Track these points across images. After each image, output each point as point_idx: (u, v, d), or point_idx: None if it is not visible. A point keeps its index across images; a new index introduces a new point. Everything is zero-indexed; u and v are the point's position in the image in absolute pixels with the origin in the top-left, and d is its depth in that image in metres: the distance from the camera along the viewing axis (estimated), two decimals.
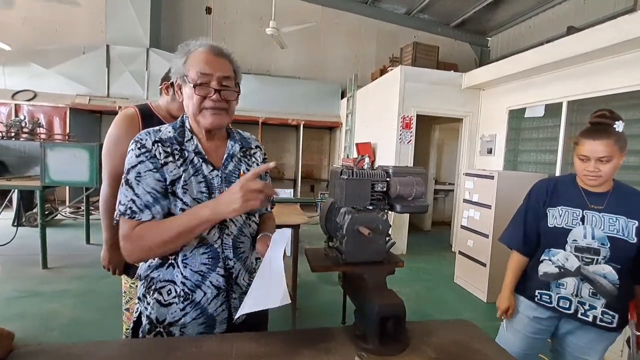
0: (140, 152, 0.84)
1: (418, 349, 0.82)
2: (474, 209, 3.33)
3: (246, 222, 0.96)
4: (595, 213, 1.15)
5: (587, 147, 1.13)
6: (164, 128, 0.92)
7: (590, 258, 1.13)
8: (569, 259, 1.17)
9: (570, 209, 1.19)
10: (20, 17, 6.10)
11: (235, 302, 0.92)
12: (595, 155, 1.12)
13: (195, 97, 0.85)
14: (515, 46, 6.95)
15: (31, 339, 0.84)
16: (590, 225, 1.15)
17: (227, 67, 0.88)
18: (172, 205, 0.85)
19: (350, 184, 0.87)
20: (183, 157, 0.88)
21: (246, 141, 1.02)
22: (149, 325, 0.88)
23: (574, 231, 1.16)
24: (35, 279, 3.07)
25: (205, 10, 6.89)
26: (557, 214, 1.20)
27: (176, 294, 0.86)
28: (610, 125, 1.13)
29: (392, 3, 7.22)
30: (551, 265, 1.20)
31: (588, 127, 1.18)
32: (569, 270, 1.16)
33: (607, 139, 1.11)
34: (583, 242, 1.15)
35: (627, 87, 2.89)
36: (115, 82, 6.00)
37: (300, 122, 6.63)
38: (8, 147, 3.99)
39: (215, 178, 0.90)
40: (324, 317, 2.66)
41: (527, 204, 1.32)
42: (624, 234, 1.11)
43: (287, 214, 2.54)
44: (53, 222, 4.90)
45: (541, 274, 1.23)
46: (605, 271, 1.12)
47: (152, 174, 0.83)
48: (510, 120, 4.18)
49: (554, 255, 1.20)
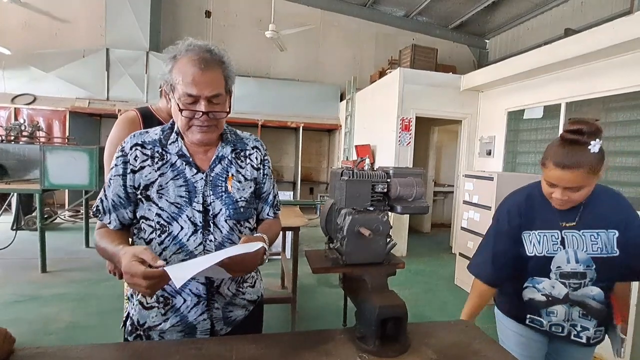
0: (118, 155, 0.85)
1: (419, 350, 0.81)
2: (473, 210, 3.33)
3: (235, 227, 0.89)
4: (574, 232, 1.03)
5: (555, 175, 0.97)
6: (153, 130, 0.90)
7: (577, 283, 1.03)
8: (555, 287, 1.06)
9: (549, 232, 1.05)
10: (20, 21, 6.12)
11: (218, 313, 0.89)
12: (563, 184, 0.97)
13: (182, 117, 0.81)
14: (513, 48, 6.99)
15: (29, 343, 0.83)
16: (571, 247, 1.03)
17: (216, 80, 0.81)
18: (146, 211, 0.83)
19: (351, 185, 0.87)
20: (164, 159, 0.85)
21: (242, 142, 0.96)
22: (131, 327, 0.88)
23: (557, 258, 1.04)
24: (34, 282, 3.06)
25: (204, 13, 6.92)
26: (535, 241, 1.07)
27: (156, 298, 0.85)
28: (584, 147, 0.92)
29: (391, 6, 7.26)
30: (537, 293, 1.09)
31: (558, 144, 0.98)
32: (557, 298, 1.06)
33: (578, 169, 0.92)
34: (567, 267, 1.03)
35: (624, 89, 2.91)
36: (115, 86, 6.01)
37: (299, 125, 6.64)
38: (7, 150, 3.99)
39: (198, 181, 0.86)
40: (324, 320, 2.65)
41: (496, 229, 1.15)
42: (608, 250, 1.01)
43: (286, 217, 2.53)
44: (52, 225, 4.89)
45: (527, 299, 1.12)
46: (593, 293, 1.04)
47: (119, 180, 0.83)
48: (509, 122, 4.19)
49: (538, 284, 1.08)
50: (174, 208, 0.83)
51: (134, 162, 0.84)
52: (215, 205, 0.87)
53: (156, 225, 0.84)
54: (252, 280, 0.99)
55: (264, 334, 0.87)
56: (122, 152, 0.85)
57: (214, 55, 0.82)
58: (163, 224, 0.84)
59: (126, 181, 0.83)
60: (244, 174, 0.92)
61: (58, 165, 3.16)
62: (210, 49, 0.82)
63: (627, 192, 2.94)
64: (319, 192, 7.43)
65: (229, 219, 0.88)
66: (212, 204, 0.86)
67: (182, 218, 0.84)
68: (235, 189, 0.89)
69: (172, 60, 0.81)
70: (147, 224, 0.84)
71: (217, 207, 0.87)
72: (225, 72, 0.84)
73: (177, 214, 0.84)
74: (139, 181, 0.83)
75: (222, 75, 0.83)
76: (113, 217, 0.85)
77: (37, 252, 3.27)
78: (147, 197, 0.83)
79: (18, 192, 3.68)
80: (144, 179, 0.83)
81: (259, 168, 0.96)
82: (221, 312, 0.90)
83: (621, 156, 2.99)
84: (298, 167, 6.95)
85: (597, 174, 0.95)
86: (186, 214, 0.84)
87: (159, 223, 0.84)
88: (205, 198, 0.86)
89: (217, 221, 0.87)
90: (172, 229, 0.84)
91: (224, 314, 0.90)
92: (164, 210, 0.83)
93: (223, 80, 0.83)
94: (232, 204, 0.88)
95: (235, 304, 0.93)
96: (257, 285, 1.00)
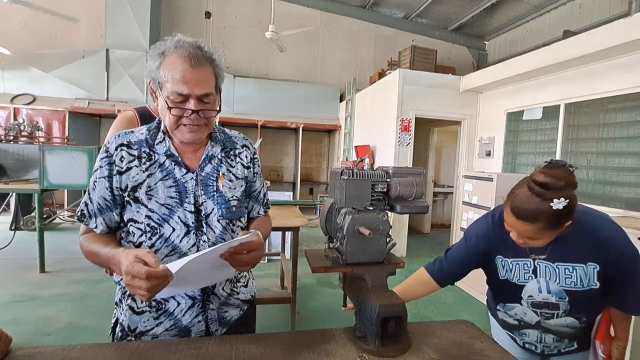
0: (102, 156, 0.82)
1: (419, 349, 0.81)
2: (473, 210, 3.33)
3: (228, 227, 0.88)
4: (548, 263, 0.97)
5: (509, 220, 0.91)
6: (138, 130, 0.86)
7: (549, 313, 0.99)
8: (527, 314, 1.03)
9: (521, 261, 1.00)
10: (20, 22, 6.12)
11: (213, 314, 0.88)
12: (520, 232, 0.91)
13: (171, 115, 0.78)
14: (512, 49, 7.01)
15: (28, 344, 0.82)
16: (543, 278, 0.98)
17: (207, 78, 0.78)
18: (134, 213, 0.81)
19: (351, 184, 0.87)
20: (151, 160, 0.82)
21: (231, 141, 0.94)
22: (121, 333, 0.86)
23: (527, 287, 1.00)
24: (32, 283, 3.05)
25: (204, 14, 6.93)
26: (507, 267, 1.02)
27: (148, 302, 0.83)
28: (547, 202, 0.82)
29: (390, 7, 7.28)
30: (509, 318, 1.08)
31: (525, 188, 0.87)
32: (529, 323, 1.04)
33: (532, 223, 0.86)
34: (539, 297, 0.99)
35: (622, 90, 2.92)
36: (115, 86, 6.01)
37: (299, 125, 6.64)
38: (6, 150, 3.98)
39: (189, 181, 0.84)
40: (324, 320, 2.65)
41: (464, 245, 1.08)
42: (584, 284, 0.94)
43: (286, 217, 2.53)
44: (51, 225, 4.88)
45: (499, 319, 1.13)
46: (567, 322, 0.99)
47: (104, 182, 0.81)
48: (509, 123, 4.20)
49: (510, 310, 1.06)
50: (165, 209, 0.81)
51: (119, 163, 0.81)
52: (208, 205, 0.85)
53: (146, 227, 0.81)
54: (245, 279, 0.99)
55: (264, 334, 0.86)
56: (107, 153, 0.81)
57: (204, 52, 0.79)
58: (153, 226, 0.81)
59: (112, 183, 0.80)
60: (234, 172, 0.91)
61: (57, 165, 3.16)
62: (200, 45, 0.79)
63: (626, 192, 2.95)
64: (319, 193, 7.43)
65: (222, 218, 0.86)
66: (204, 203, 0.85)
67: (173, 219, 0.82)
68: (227, 188, 0.88)
69: (160, 57, 0.77)
70: (135, 227, 0.82)
71: (209, 206, 0.85)
72: (216, 70, 0.81)
73: (168, 216, 0.82)
74: (125, 183, 0.80)
75: (212, 73, 0.80)
76: (99, 221, 0.82)
77: (35, 252, 3.27)
78: (135, 199, 0.80)
79: (17, 192, 3.66)
80: (131, 180, 0.80)
81: (249, 167, 0.95)
82: (216, 313, 0.89)
83: (620, 157, 3.00)
84: (298, 168, 6.95)
85: (557, 229, 0.88)
86: (178, 215, 0.82)
87: (149, 225, 0.81)
88: (196, 198, 0.84)
89: (210, 221, 0.85)
90: (164, 230, 0.82)
91: (219, 314, 0.90)
92: (154, 212, 0.80)
93: (213, 78, 0.81)
94: (224, 203, 0.87)
95: (230, 304, 0.92)
96: (250, 285, 1.01)
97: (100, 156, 0.82)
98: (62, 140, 5.29)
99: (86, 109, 5.82)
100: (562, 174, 0.84)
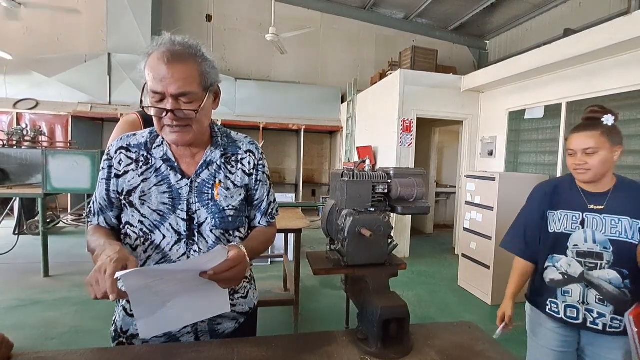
0: (105, 158, 0.83)
1: (422, 351, 0.80)
2: (476, 210, 3.31)
3: (223, 237, 0.84)
4: (596, 215, 1.10)
5: (573, 141, 1.12)
6: (141, 133, 0.86)
7: (593, 263, 1.08)
8: (571, 265, 1.12)
9: (570, 213, 1.14)
10: (22, 27, 6.17)
11: (204, 326, 0.85)
12: (580, 147, 1.09)
13: (154, 117, 0.76)
14: (513, 49, 6.99)
15: (31, 348, 0.83)
16: (590, 228, 1.10)
17: (185, 76, 0.72)
18: (130, 217, 0.80)
19: (352, 185, 0.87)
20: (148, 164, 0.81)
21: (234, 145, 0.89)
22: (114, 333, 0.86)
23: (574, 236, 1.12)
24: (36, 287, 3.06)
25: (205, 17, 6.96)
26: (557, 219, 1.16)
27: None
28: (598, 118, 1.09)
29: (391, 8, 7.29)
30: (556, 272, 1.16)
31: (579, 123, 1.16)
32: (573, 276, 1.12)
33: (592, 131, 1.08)
34: (584, 246, 1.10)
35: (624, 88, 2.90)
36: (117, 90, 6.04)
37: (301, 127, 6.65)
38: (9, 155, 4.00)
39: (183, 188, 0.81)
40: (326, 322, 2.64)
41: (527, 208, 1.29)
42: (628, 236, 1.05)
43: (288, 219, 2.53)
44: (54, 229, 4.90)
45: (548, 280, 1.19)
46: (610, 276, 1.06)
47: (104, 183, 0.82)
48: (510, 122, 4.18)
49: (557, 262, 1.16)
50: (157, 215, 0.79)
51: (118, 166, 0.81)
52: (201, 214, 0.82)
53: (139, 232, 0.80)
54: (245, 290, 0.93)
55: (266, 337, 0.86)
56: (108, 156, 0.82)
57: (186, 48, 0.74)
58: (146, 231, 0.80)
59: (109, 186, 0.81)
60: (233, 180, 0.86)
61: (60, 169, 3.17)
62: (182, 42, 0.74)
63: None
64: (321, 194, 7.43)
65: (215, 228, 0.82)
66: (197, 212, 0.81)
67: (164, 226, 0.80)
68: (222, 197, 0.84)
69: (146, 57, 0.75)
70: (131, 230, 0.81)
71: (202, 215, 0.82)
72: (202, 68, 0.75)
73: (159, 222, 0.80)
74: (122, 186, 0.80)
75: (195, 70, 0.74)
76: (101, 220, 0.84)
77: (39, 256, 3.28)
78: (130, 203, 0.80)
79: (20, 196, 3.68)
80: (127, 184, 0.80)
81: (251, 174, 0.89)
82: (207, 325, 0.85)
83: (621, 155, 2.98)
84: (300, 169, 6.95)
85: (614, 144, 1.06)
86: (169, 222, 0.80)
87: (142, 230, 0.80)
88: (190, 205, 0.81)
89: (203, 230, 0.82)
90: (155, 237, 0.80)
91: (210, 326, 0.86)
92: (146, 217, 0.79)
93: (197, 76, 0.74)
94: (218, 212, 0.83)
95: (224, 316, 0.87)
96: (250, 296, 0.94)
97: (103, 157, 0.84)
98: (65, 145, 5.32)
99: (89, 113, 5.85)
100: (599, 106, 1.11)
